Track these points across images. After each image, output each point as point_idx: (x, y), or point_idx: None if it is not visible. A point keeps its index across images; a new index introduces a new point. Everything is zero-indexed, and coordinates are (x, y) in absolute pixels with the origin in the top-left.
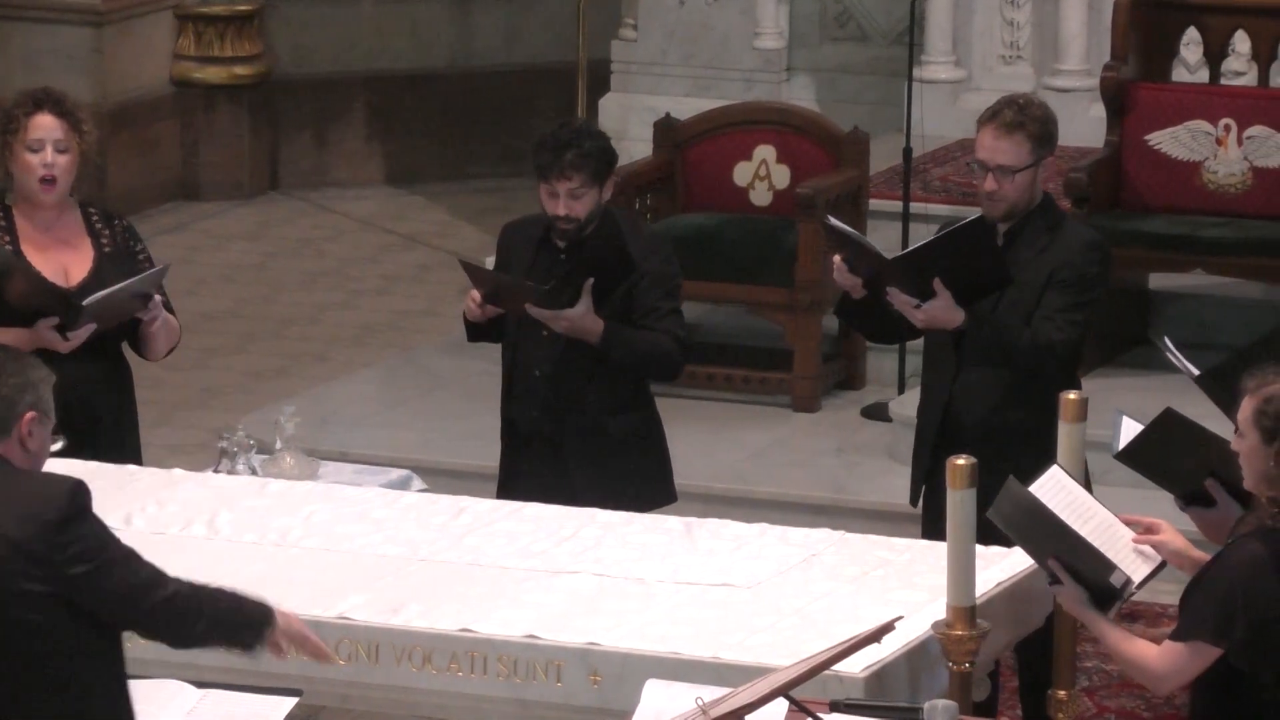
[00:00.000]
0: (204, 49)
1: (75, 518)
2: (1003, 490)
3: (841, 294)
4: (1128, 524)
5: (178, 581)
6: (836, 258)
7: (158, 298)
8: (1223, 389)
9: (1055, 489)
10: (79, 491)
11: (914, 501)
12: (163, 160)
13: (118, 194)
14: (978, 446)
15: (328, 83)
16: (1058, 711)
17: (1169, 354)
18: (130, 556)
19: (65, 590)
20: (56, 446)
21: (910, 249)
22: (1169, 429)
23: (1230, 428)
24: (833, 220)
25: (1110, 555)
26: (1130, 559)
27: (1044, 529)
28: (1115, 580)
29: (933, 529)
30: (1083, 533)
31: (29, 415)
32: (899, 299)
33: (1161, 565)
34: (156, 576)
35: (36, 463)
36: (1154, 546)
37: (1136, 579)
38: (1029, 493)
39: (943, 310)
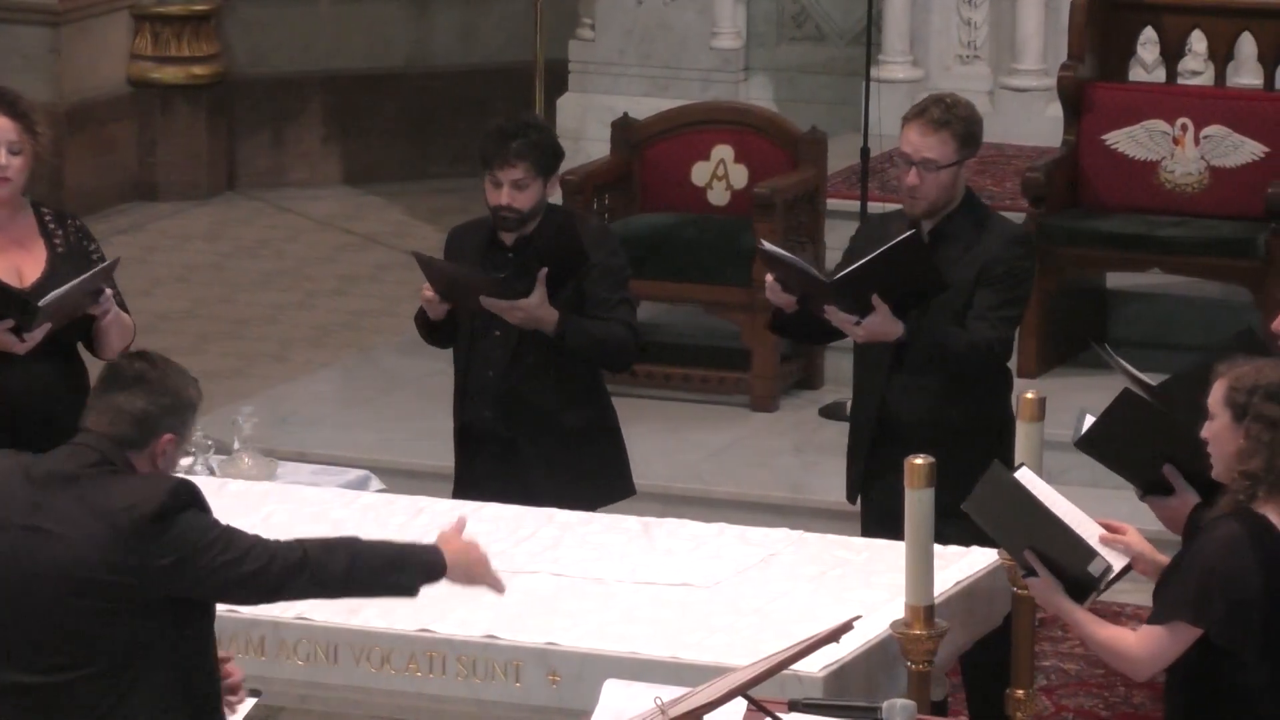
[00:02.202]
0: (161, 49)
1: (171, 512)
2: (984, 477)
3: (773, 310)
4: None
5: (285, 549)
6: (769, 277)
7: (108, 291)
8: (1179, 401)
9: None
10: (180, 489)
11: (852, 499)
12: (119, 160)
13: (74, 194)
14: (915, 444)
15: (285, 83)
16: (1016, 710)
17: (1113, 362)
18: (223, 536)
19: (157, 579)
20: (187, 462)
21: (847, 271)
22: (1127, 411)
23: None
24: (766, 245)
25: None
26: (1103, 552)
27: (1022, 516)
28: (1094, 569)
29: (872, 527)
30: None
31: (167, 437)
32: (837, 317)
33: (1128, 568)
34: (250, 551)
35: None
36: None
37: (1116, 567)
38: (1012, 477)
39: (881, 324)
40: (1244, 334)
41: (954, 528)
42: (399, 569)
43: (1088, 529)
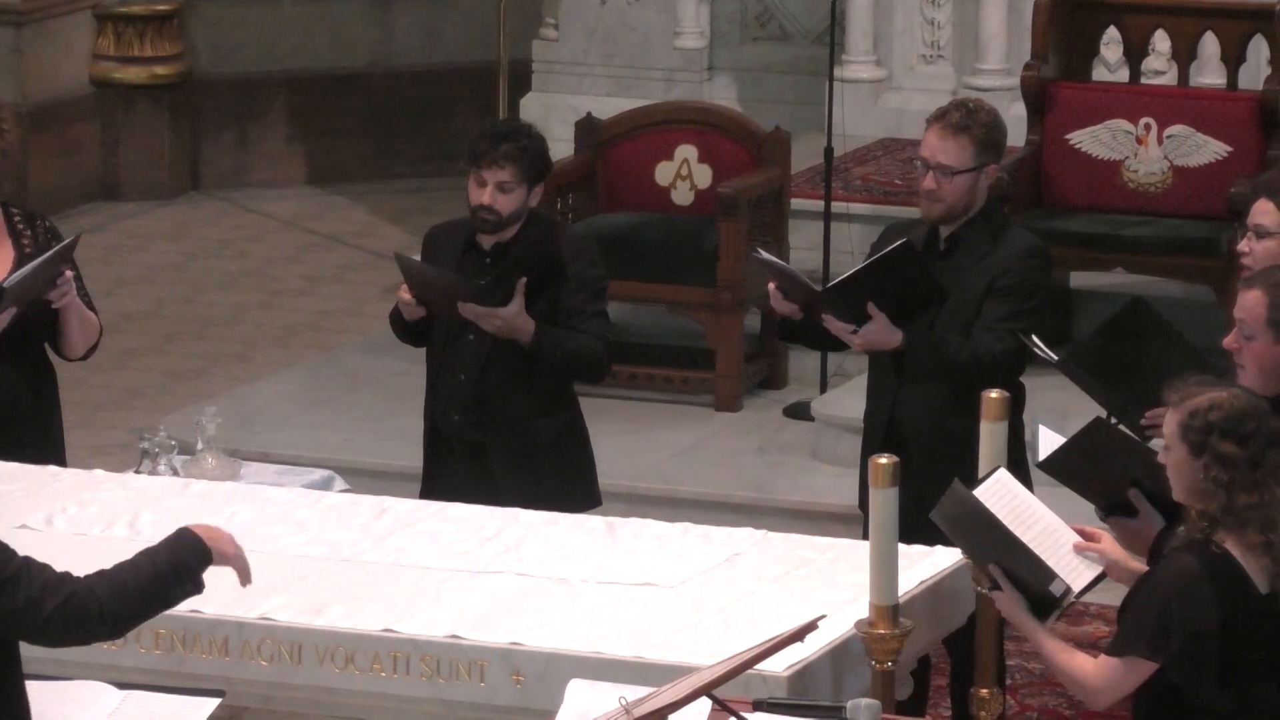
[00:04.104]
0: (124, 49)
1: None
2: (947, 492)
3: (781, 319)
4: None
5: (77, 581)
6: (771, 285)
7: (68, 273)
8: (1083, 373)
9: (1001, 493)
10: None
11: (863, 505)
12: (83, 160)
13: (38, 194)
14: (921, 453)
15: (248, 82)
16: (980, 709)
17: (1032, 347)
18: (20, 573)
19: None
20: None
21: (839, 279)
22: (1096, 438)
23: (1095, 410)
24: (762, 254)
25: (1051, 562)
26: (1072, 566)
27: (985, 533)
28: (1055, 589)
29: None
30: (1025, 539)
31: None
32: (834, 326)
33: (1102, 575)
34: (50, 585)
35: None
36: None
37: (1076, 587)
38: (972, 496)
39: (879, 333)
40: (1136, 304)
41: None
42: (178, 579)
43: (1062, 536)
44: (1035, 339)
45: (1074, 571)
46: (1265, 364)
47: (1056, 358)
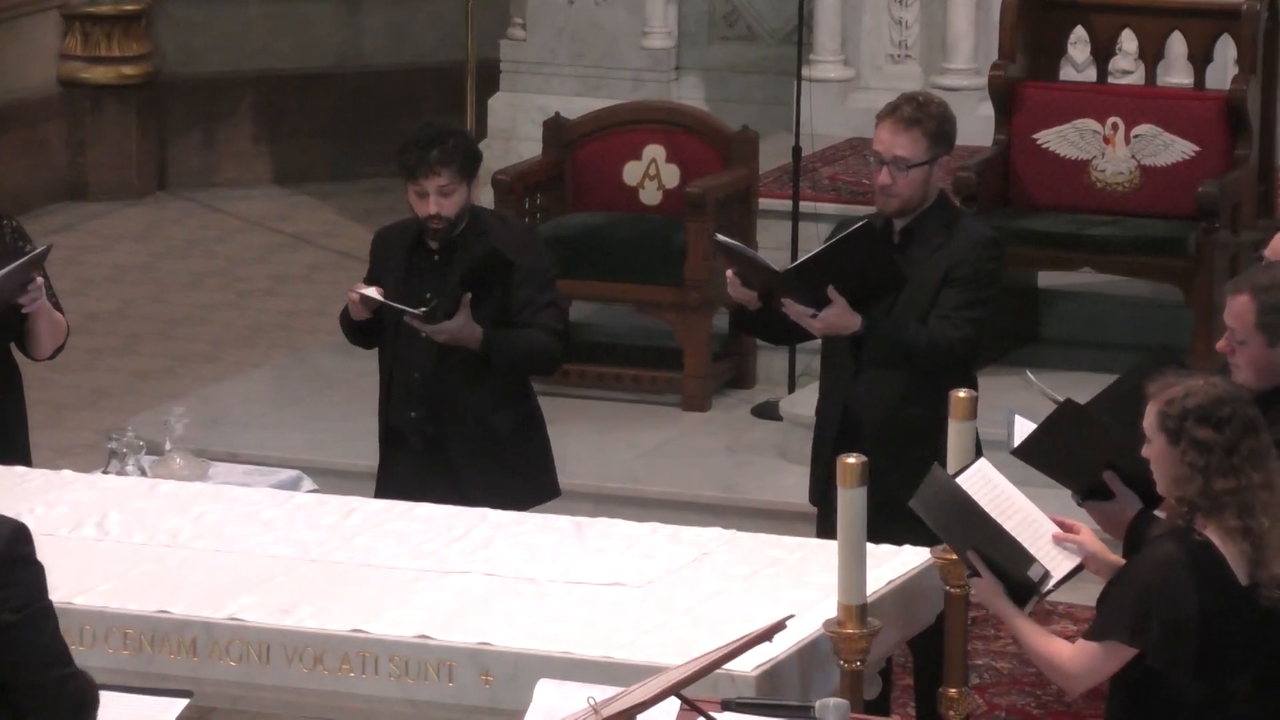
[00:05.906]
0: (91, 49)
1: (16, 561)
2: (926, 478)
3: (736, 306)
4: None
5: (86, 677)
6: (729, 273)
7: (39, 279)
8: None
9: (981, 482)
10: (21, 535)
11: (814, 499)
12: (50, 160)
13: (4, 194)
14: (877, 444)
15: (216, 83)
16: (949, 709)
17: (1037, 389)
18: (56, 620)
19: None
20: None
21: (799, 261)
22: (1068, 421)
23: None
24: (721, 237)
25: (1031, 550)
26: (1050, 557)
27: (965, 519)
28: (1033, 574)
29: (828, 527)
30: (1005, 527)
31: None
32: (794, 309)
33: (1080, 567)
34: (67, 651)
35: None
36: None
37: (1056, 574)
38: (953, 482)
39: (838, 317)
40: (1159, 355)
41: (911, 530)
42: None
43: (1042, 527)
44: (1043, 385)
45: (1052, 562)
46: (1260, 365)
47: (1061, 399)
